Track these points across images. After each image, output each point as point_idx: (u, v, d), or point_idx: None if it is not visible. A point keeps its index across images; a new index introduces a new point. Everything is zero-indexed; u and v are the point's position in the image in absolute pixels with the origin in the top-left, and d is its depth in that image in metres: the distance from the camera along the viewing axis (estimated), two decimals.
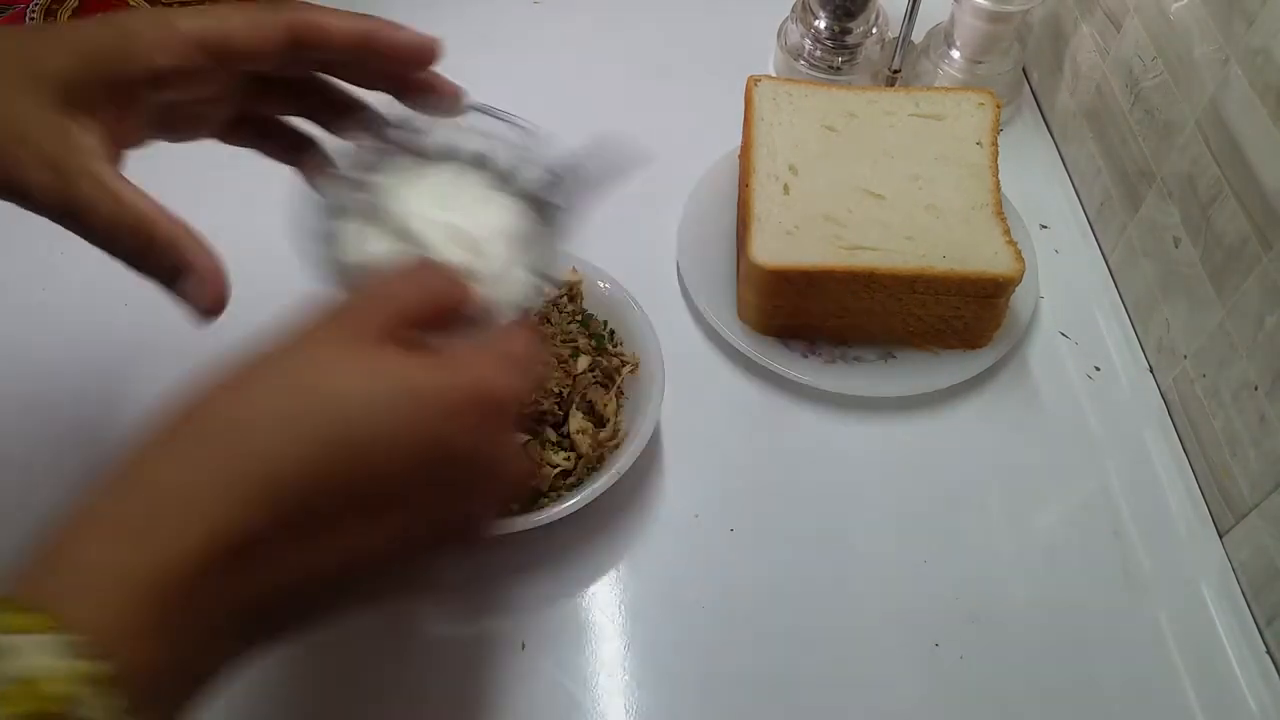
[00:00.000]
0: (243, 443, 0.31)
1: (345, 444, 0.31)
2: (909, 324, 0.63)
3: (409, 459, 0.33)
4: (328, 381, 0.33)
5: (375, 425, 0.32)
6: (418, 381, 0.33)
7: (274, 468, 0.31)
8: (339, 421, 0.32)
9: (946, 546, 0.57)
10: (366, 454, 0.32)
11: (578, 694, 0.52)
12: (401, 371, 0.34)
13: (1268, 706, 0.52)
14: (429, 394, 0.33)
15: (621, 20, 0.83)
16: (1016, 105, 0.78)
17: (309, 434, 0.31)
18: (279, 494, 0.30)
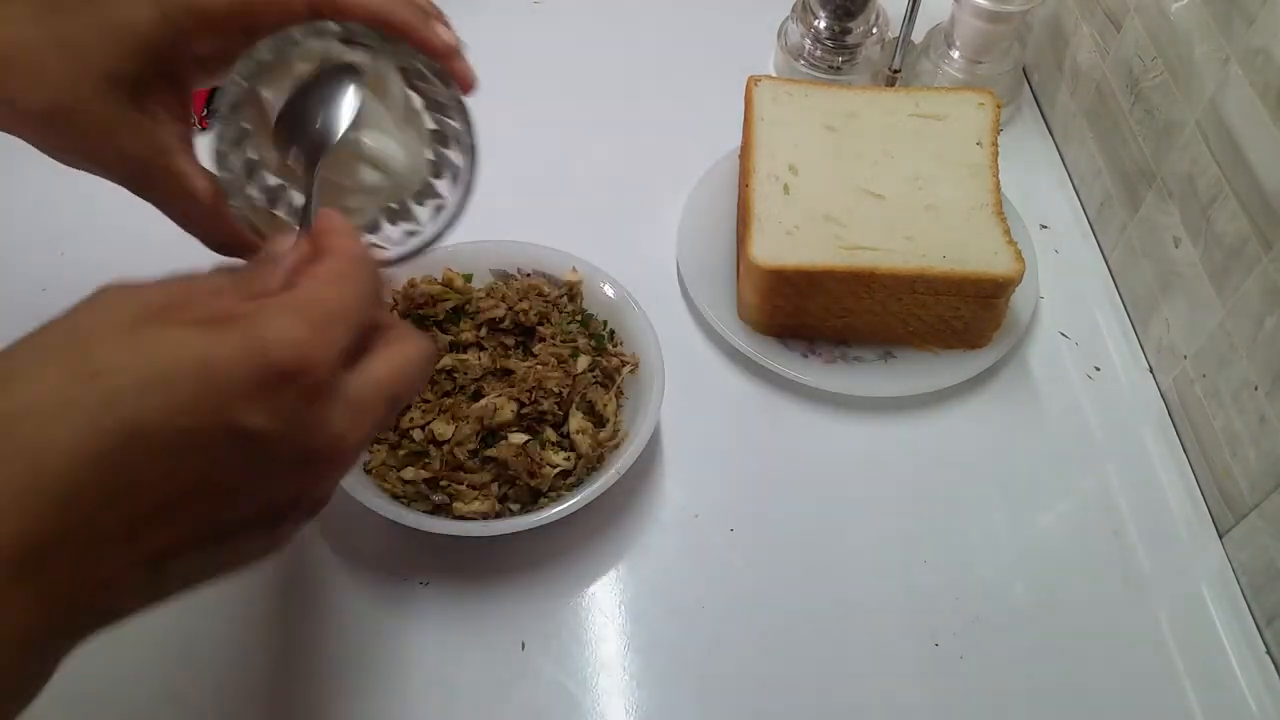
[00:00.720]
0: (17, 438, 0.28)
1: (127, 433, 0.28)
2: (909, 324, 0.63)
3: (201, 445, 0.29)
4: (101, 361, 0.29)
5: (157, 410, 0.28)
6: (201, 355, 0.29)
7: (55, 464, 0.27)
8: (116, 407, 0.28)
9: (946, 546, 0.57)
10: (153, 442, 0.28)
11: (578, 694, 0.52)
12: (182, 344, 0.29)
13: (1268, 706, 0.52)
14: (215, 371, 0.29)
15: (621, 20, 0.83)
16: (1016, 105, 0.78)
17: (86, 424, 0.28)
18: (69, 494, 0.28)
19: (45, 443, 0.28)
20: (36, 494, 0.27)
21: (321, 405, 0.32)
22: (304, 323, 0.31)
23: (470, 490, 0.53)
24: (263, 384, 0.30)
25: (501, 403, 0.54)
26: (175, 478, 0.29)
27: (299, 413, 0.31)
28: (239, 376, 0.29)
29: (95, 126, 0.40)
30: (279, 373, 0.30)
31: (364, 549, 0.55)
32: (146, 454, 0.28)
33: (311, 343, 0.31)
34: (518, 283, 0.61)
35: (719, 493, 0.59)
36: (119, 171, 0.41)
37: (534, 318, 0.59)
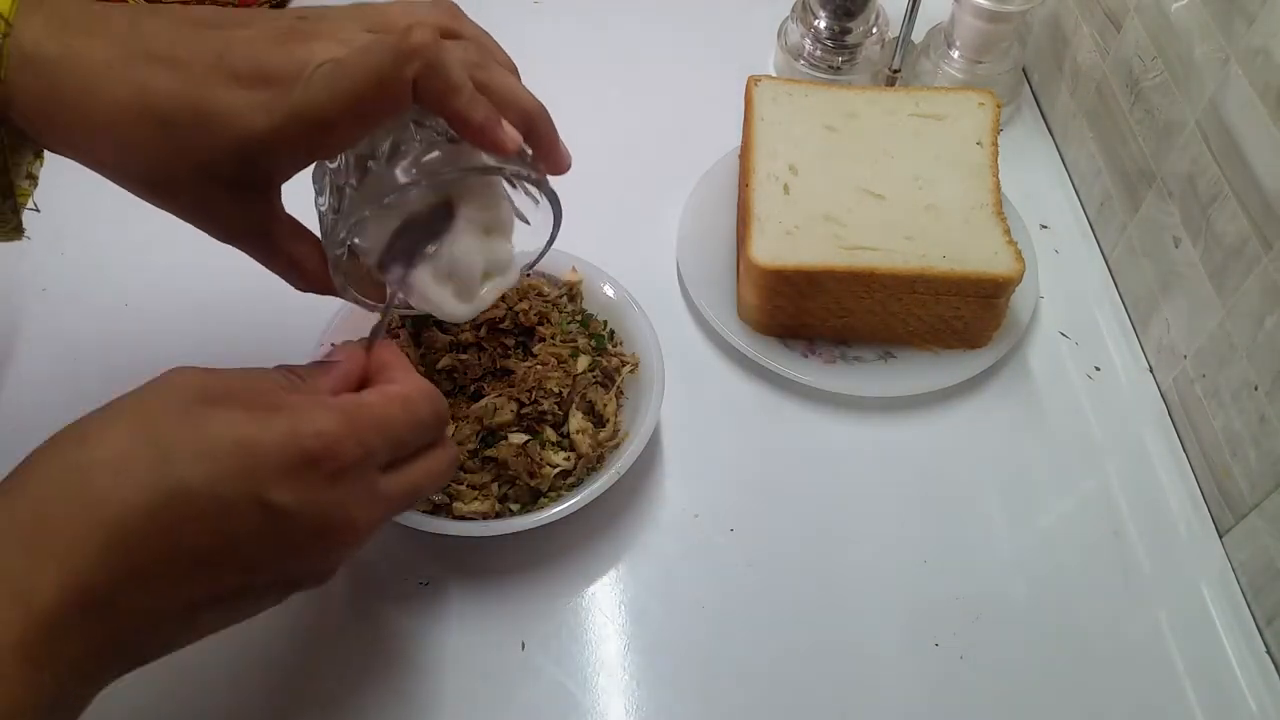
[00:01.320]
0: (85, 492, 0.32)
1: (176, 493, 0.32)
2: (909, 324, 0.63)
3: (235, 511, 0.33)
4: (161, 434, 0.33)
5: (202, 476, 0.33)
6: (246, 435, 0.34)
7: (115, 517, 0.32)
8: (170, 472, 0.33)
9: (946, 546, 0.57)
10: (196, 504, 0.33)
11: (578, 694, 0.52)
12: (231, 425, 0.34)
13: (1268, 706, 0.52)
14: (257, 449, 0.34)
15: (621, 20, 0.83)
16: (1016, 105, 0.78)
17: (142, 484, 0.32)
18: (124, 543, 0.32)
19: (107, 494, 0.32)
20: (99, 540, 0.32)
21: (342, 491, 0.36)
22: (340, 420, 0.36)
23: (470, 490, 0.53)
24: (292, 466, 0.34)
25: (501, 403, 0.54)
26: (211, 538, 0.33)
27: (320, 495, 0.35)
28: (274, 457, 0.34)
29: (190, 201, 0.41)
30: (307, 458, 0.35)
31: (364, 549, 0.55)
32: (188, 514, 0.33)
33: (340, 436, 0.36)
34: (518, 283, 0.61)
35: (719, 493, 0.59)
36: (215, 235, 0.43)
37: (534, 318, 0.59)
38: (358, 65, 0.38)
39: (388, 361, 0.41)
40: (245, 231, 0.43)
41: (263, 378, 0.38)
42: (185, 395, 0.35)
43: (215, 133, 0.38)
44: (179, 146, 0.39)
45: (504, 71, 0.44)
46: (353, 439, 0.36)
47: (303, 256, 0.44)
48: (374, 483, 0.38)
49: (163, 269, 0.66)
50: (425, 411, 0.40)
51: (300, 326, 0.58)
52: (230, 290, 0.64)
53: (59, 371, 0.61)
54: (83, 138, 0.40)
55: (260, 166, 0.40)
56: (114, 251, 0.67)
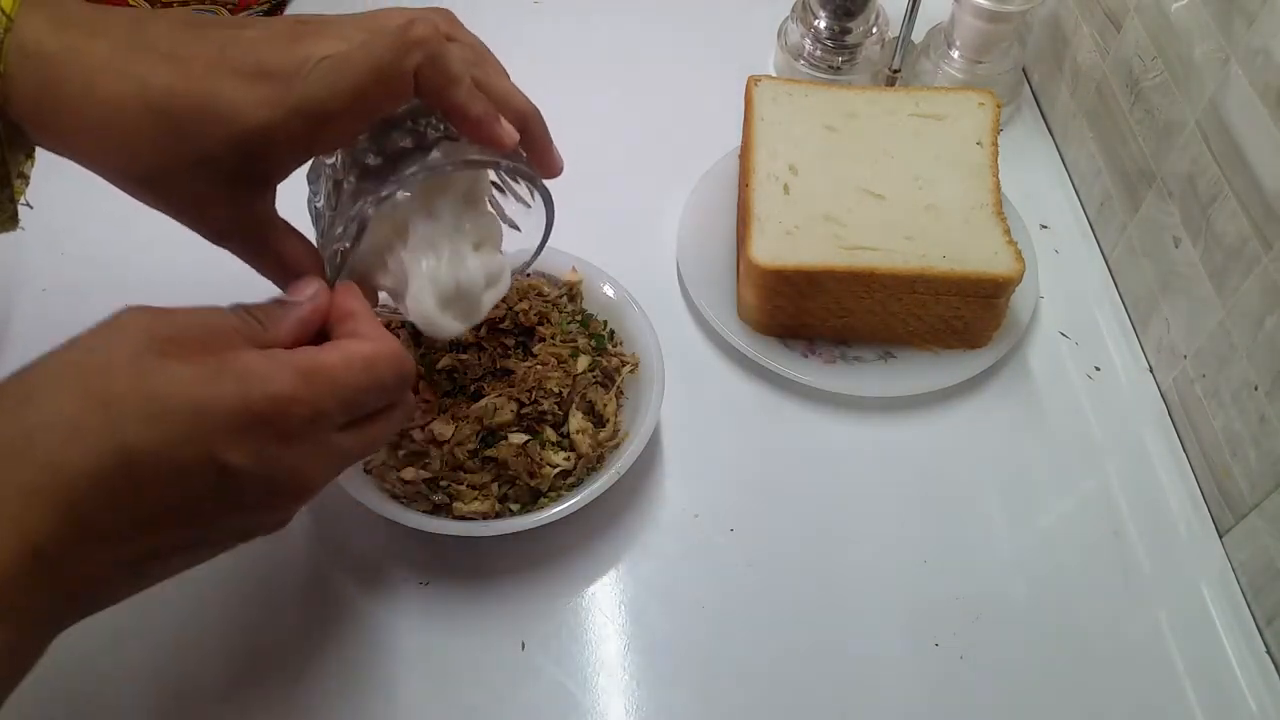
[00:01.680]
0: (33, 455, 0.32)
1: (124, 457, 0.32)
2: (909, 324, 0.63)
3: (183, 475, 0.33)
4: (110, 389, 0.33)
5: (150, 439, 0.33)
6: (195, 396, 0.34)
7: (66, 480, 0.32)
8: (119, 433, 0.32)
9: (946, 546, 0.57)
10: (142, 469, 0.33)
11: (578, 694, 0.52)
12: (181, 384, 0.34)
13: (1268, 706, 0.52)
14: (207, 410, 0.34)
15: (621, 20, 0.83)
16: (1016, 105, 0.78)
17: (90, 448, 0.32)
18: (75, 503, 0.32)
19: (59, 459, 0.32)
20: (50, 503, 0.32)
21: (294, 451, 0.36)
22: (295, 381, 0.36)
23: (470, 490, 0.53)
24: (243, 427, 0.34)
25: (501, 403, 0.54)
26: (162, 498, 0.34)
27: (271, 454, 0.35)
28: (225, 418, 0.34)
29: (184, 198, 0.41)
30: (258, 419, 0.34)
31: (364, 549, 0.55)
32: (140, 477, 0.33)
33: (294, 398, 0.35)
34: (518, 283, 0.61)
35: (719, 493, 0.59)
36: (204, 233, 0.43)
37: (534, 318, 0.59)
38: (359, 58, 0.39)
39: (352, 309, 0.40)
40: (238, 230, 0.43)
41: (218, 319, 0.37)
42: (134, 344, 0.34)
43: (216, 126, 0.39)
44: (178, 140, 0.39)
45: (500, 73, 0.44)
46: (307, 402, 0.36)
47: (295, 257, 0.44)
48: (327, 441, 0.37)
49: (163, 269, 0.65)
50: (388, 375, 0.39)
51: None
52: (230, 291, 0.63)
53: None
54: (82, 133, 0.40)
55: (260, 161, 0.40)
56: (114, 251, 0.67)
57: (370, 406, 0.39)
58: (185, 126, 0.39)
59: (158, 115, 0.38)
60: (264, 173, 0.41)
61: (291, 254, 0.44)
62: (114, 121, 0.39)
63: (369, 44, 0.39)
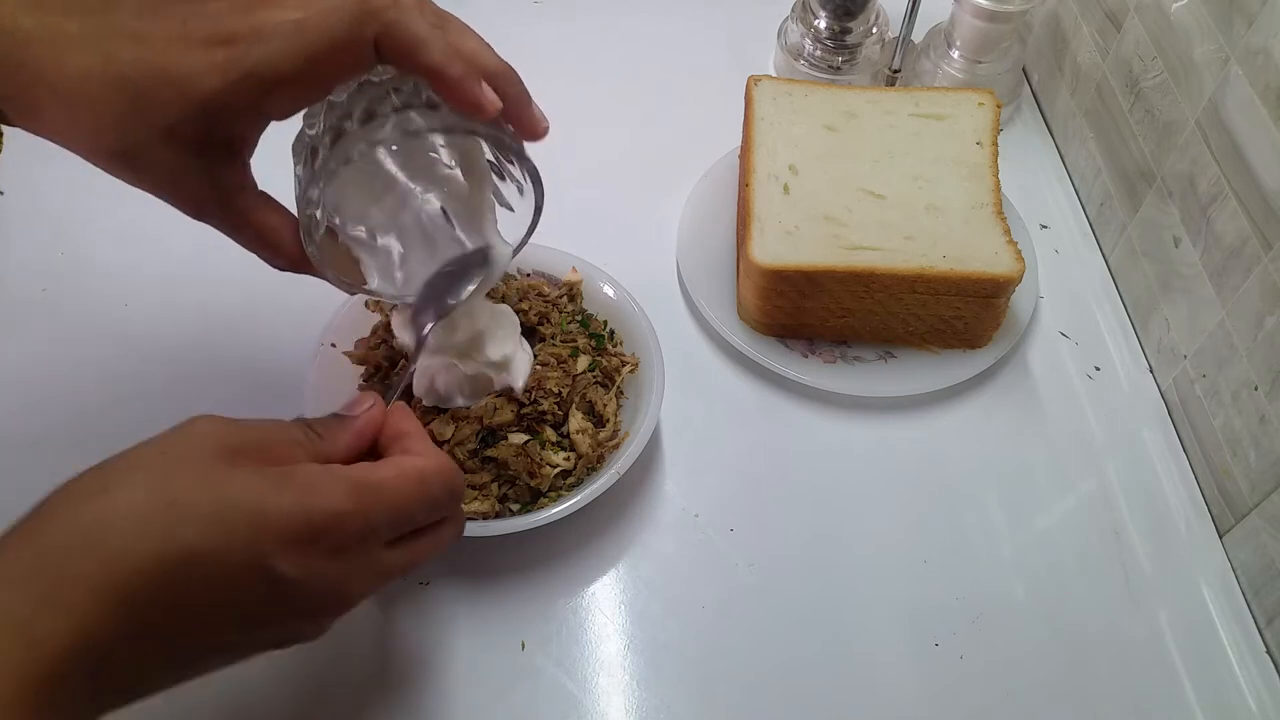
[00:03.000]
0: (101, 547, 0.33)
1: (187, 558, 0.34)
2: (909, 324, 0.63)
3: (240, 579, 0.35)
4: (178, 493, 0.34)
5: (213, 543, 0.34)
6: (257, 504, 0.35)
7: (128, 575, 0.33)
8: (183, 535, 0.34)
9: (946, 546, 0.57)
10: (204, 569, 0.34)
11: (578, 694, 0.52)
12: (245, 490, 0.35)
13: (1268, 706, 0.52)
14: (265, 518, 0.35)
15: (621, 20, 0.83)
16: (1016, 105, 0.78)
17: (155, 546, 0.33)
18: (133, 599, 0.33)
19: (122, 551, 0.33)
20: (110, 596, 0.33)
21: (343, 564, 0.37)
22: (351, 496, 0.37)
23: (470, 490, 0.53)
24: (298, 539, 0.36)
25: (501, 403, 0.54)
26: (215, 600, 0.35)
27: (319, 567, 0.36)
28: (282, 528, 0.35)
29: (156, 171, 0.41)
30: (313, 532, 0.36)
31: None
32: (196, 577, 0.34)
33: (349, 513, 0.37)
34: (518, 283, 0.61)
35: (719, 493, 0.59)
36: (181, 207, 0.43)
37: (534, 318, 0.59)
38: (315, 24, 0.39)
39: (405, 429, 0.42)
40: (214, 202, 0.43)
41: (282, 432, 0.39)
42: (205, 449, 0.36)
43: (175, 96, 0.39)
44: (143, 113, 0.39)
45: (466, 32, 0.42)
46: (360, 517, 0.37)
47: (274, 229, 0.44)
48: (377, 558, 0.39)
49: (163, 270, 0.66)
50: (439, 489, 0.40)
51: (300, 327, 0.58)
52: (230, 291, 0.64)
53: (58, 372, 0.61)
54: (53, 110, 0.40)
55: (221, 126, 0.40)
56: (114, 252, 0.67)
57: (419, 521, 0.41)
58: (148, 98, 0.39)
59: (122, 89, 0.39)
60: (227, 141, 0.41)
61: (270, 225, 0.43)
62: (82, 97, 0.39)
63: (328, 11, 0.39)
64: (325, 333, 0.58)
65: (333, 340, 0.58)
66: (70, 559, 0.33)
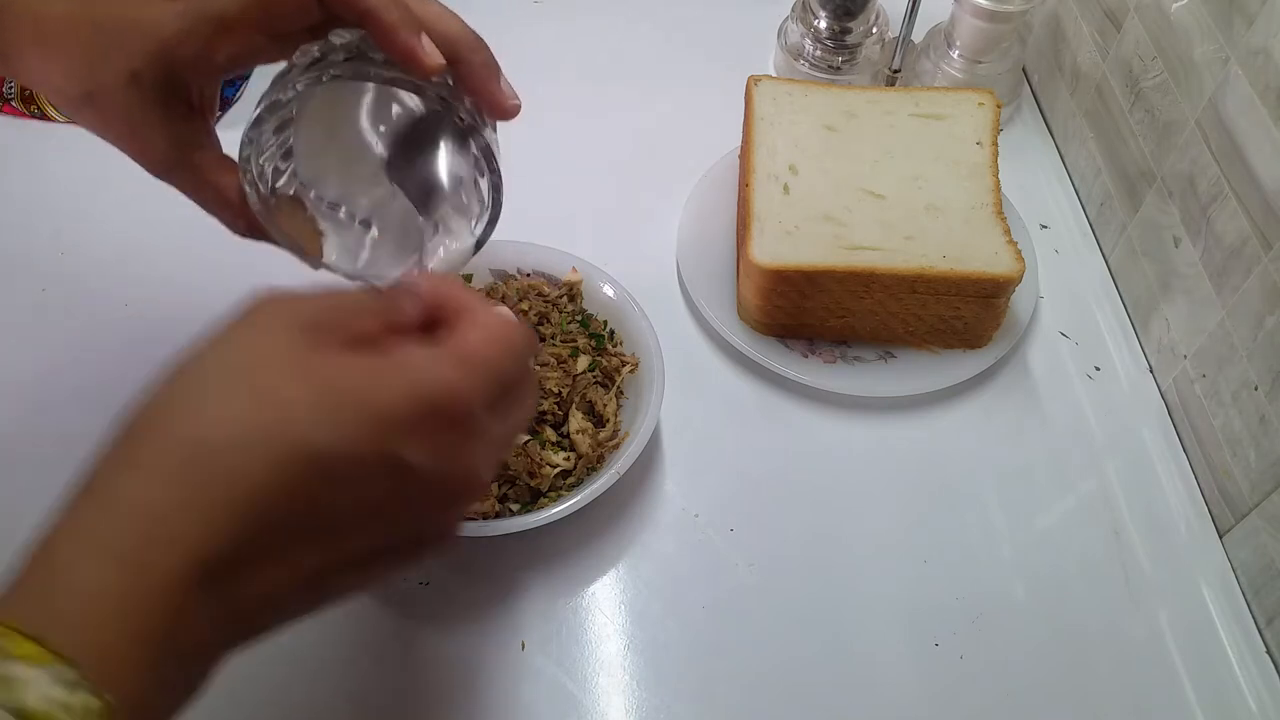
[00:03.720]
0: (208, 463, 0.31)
1: (303, 461, 0.31)
2: (909, 324, 0.63)
3: (365, 476, 0.32)
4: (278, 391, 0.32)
5: (329, 442, 0.32)
6: (370, 393, 0.33)
7: (241, 489, 0.31)
8: (294, 438, 0.31)
9: (946, 546, 0.57)
10: (324, 471, 0.32)
11: (578, 694, 0.52)
12: (352, 379, 0.33)
13: (1268, 706, 0.52)
14: (383, 407, 0.33)
15: (621, 20, 0.83)
16: (1016, 105, 0.78)
17: (267, 454, 0.31)
18: (248, 514, 0.31)
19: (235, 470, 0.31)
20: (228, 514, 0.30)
21: (468, 444, 0.35)
22: (459, 369, 0.34)
23: None
24: (421, 421, 0.33)
25: None
26: (340, 502, 0.32)
27: (449, 448, 0.34)
28: (401, 413, 0.33)
29: (120, 117, 0.41)
30: (435, 411, 0.33)
31: None
32: (319, 479, 0.31)
33: (465, 388, 0.34)
34: (518, 283, 0.61)
35: (719, 493, 0.59)
36: (144, 160, 0.43)
37: (534, 318, 0.59)
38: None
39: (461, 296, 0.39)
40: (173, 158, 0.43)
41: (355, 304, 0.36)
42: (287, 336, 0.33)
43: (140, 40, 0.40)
44: (110, 56, 0.40)
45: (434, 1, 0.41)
46: (473, 388, 0.35)
47: (233, 189, 0.43)
48: (490, 428, 0.36)
49: (162, 270, 0.66)
50: (522, 345, 0.38)
51: None
52: (231, 292, 0.63)
53: (58, 371, 0.61)
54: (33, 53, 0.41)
55: (178, 72, 0.41)
56: (114, 252, 0.67)
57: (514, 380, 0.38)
58: (116, 41, 0.40)
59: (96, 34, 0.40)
60: (184, 85, 0.42)
61: (229, 186, 0.43)
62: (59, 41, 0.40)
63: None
64: None
65: None
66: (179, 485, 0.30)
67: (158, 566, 0.29)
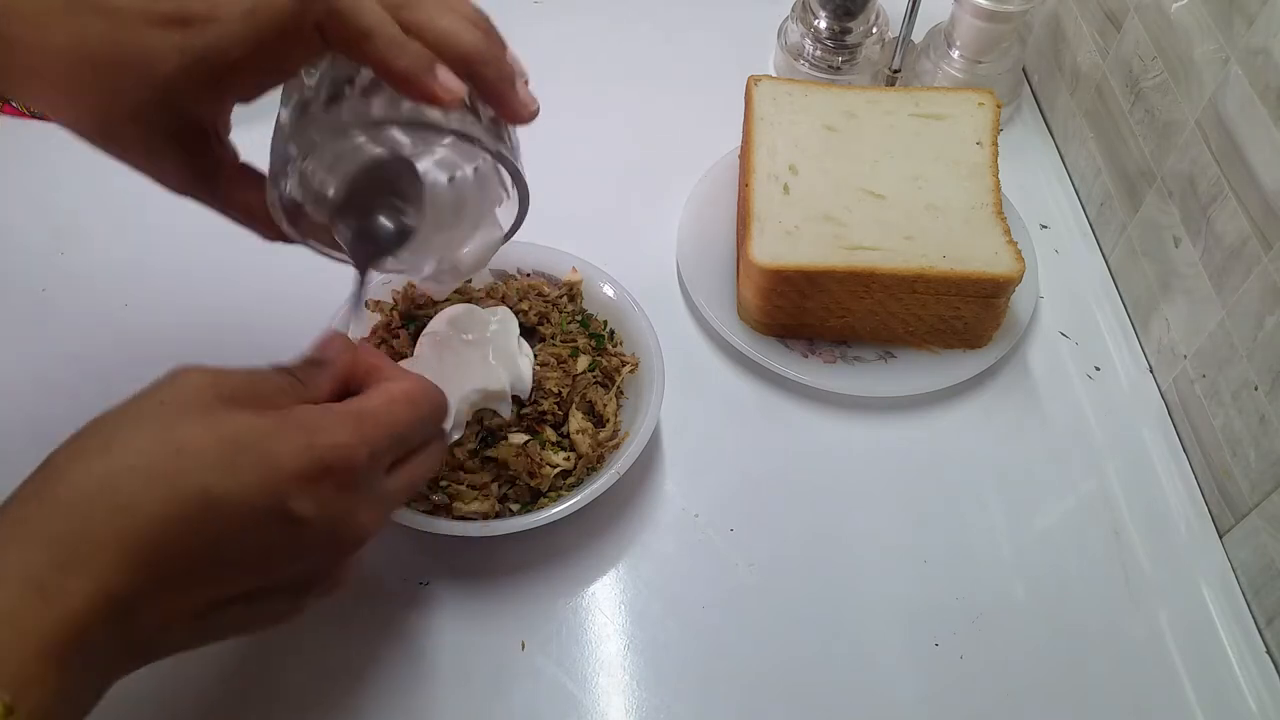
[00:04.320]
0: (111, 495, 0.33)
1: (198, 503, 0.34)
2: (909, 324, 0.63)
3: (255, 522, 0.35)
4: (184, 439, 0.34)
5: (225, 488, 0.34)
6: (266, 444, 0.35)
7: (143, 525, 0.33)
8: (193, 481, 0.34)
9: (946, 546, 0.57)
10: (217, 514, 0.34)
11: (578, 694, 0.52)
12: (251, 432, 0.35)
13: (1268, 706, 0.52)
14: (276, 457, 0.35)
15: (622, 20, 0.83)
16: (1016, 105, 0.78)
17: (168, 493, 0.33)
18: (147, 546, 0.33)
19: (134, 502, 0.33)
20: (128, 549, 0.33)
21: (352, 498, 0.38)
22: (352, 429, 0.37)
23: (470, 490, 0.53)
24: (311, 476, 0.36)
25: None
26: (231, 544, 0.35)
27: (336, 503, 0.37)
28: (293, 467, 0.35)
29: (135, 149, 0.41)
30: (325, 468, 0.36)
31: (364, 549, 0.55)
32: (212, 521, 0.34)
33: (354, 445, 0.37)
34: (518, 283, 0.61)
35: (719, 493, 0.59)
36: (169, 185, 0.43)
37: (534, 318, 0.59)
38: (264, 8, 0.38)
39: (375, 363, 0.42)
40: (194, 181, 0.43)
41: (268, 378, 0.39)
42: (202, 396, 0.36)
43: (138, 77, 0.38)
44: (114, 94, 0.39)
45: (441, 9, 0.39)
46: (365, 447, 0.37)
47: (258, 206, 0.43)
48: (381, 484, 0.39)
49: (162, 270, 0.66)
50: (426, 407, 0.41)
51: (300, 326, 0.58)
52: (231, 291, 0.64)
53: (58, 371, 0.61)
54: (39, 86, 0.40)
55: (185, 109, 0.40)
56: (114, 251, 0.67)
57: (414, 442, 0.41)
58: (116, 79, 0.39)
59: (95, 69, 0.39)
60: (194, 120, 0.41)
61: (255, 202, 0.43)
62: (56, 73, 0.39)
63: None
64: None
65: None
66: (83, 516, 0.33)
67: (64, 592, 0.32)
